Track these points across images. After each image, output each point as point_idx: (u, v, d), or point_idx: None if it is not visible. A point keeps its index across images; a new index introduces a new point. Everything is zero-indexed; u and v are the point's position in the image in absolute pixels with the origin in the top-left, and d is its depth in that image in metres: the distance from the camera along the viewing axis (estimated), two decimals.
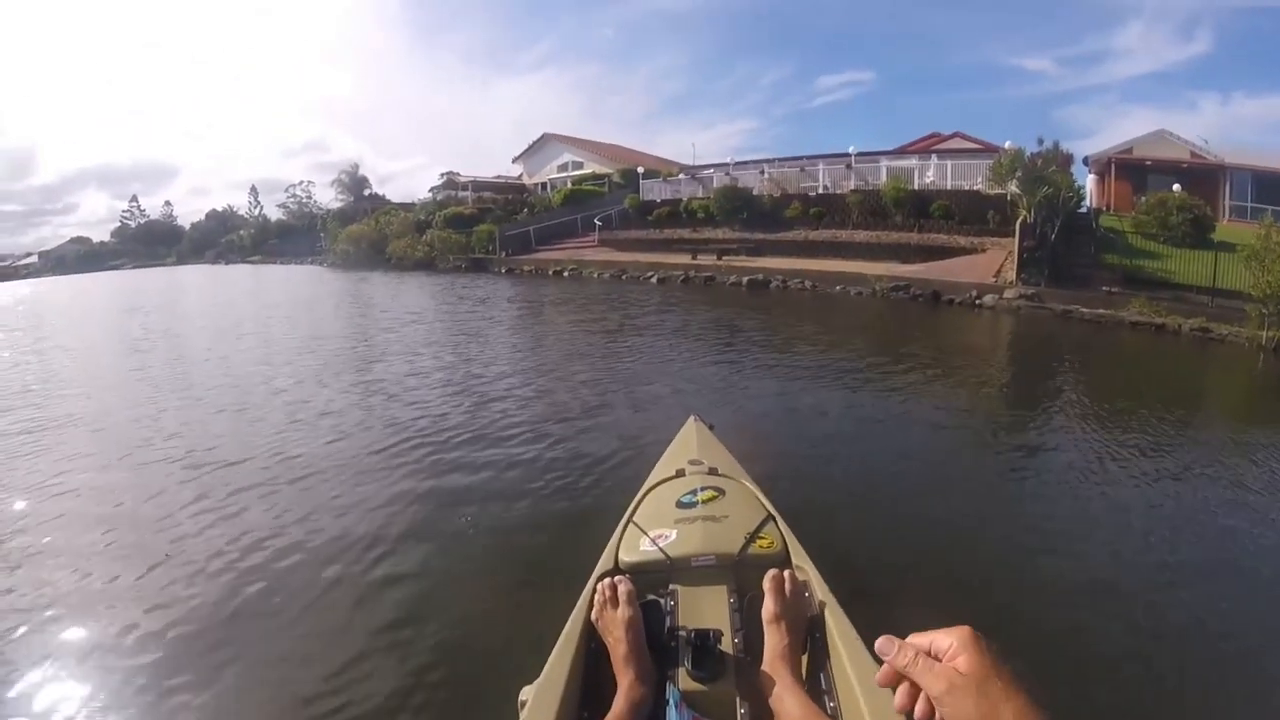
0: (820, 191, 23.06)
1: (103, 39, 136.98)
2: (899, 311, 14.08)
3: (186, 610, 3.27)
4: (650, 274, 20.72)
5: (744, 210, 23.72)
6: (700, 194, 26.42)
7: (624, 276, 21.53)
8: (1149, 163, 21.37)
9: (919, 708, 0.70)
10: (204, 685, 2.74)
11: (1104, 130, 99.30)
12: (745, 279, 17.87)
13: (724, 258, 21.23)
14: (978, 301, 13.98)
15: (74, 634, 3.14)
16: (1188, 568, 3.64)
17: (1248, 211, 19.31)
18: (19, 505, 4.74)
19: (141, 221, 77.93)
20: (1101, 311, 12.48)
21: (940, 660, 0.69)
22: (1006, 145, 18.31)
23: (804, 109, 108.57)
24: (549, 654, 1.68)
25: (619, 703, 1.49)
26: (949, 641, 0.69)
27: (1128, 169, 21.73)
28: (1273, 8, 64.47)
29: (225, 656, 2.91)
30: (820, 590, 1.89)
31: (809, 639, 1.77)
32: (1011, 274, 14.42)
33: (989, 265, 15.60)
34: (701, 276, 19.52)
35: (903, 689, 0.72)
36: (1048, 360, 9.93)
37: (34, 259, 70.69)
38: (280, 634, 3.05)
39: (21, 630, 3.16)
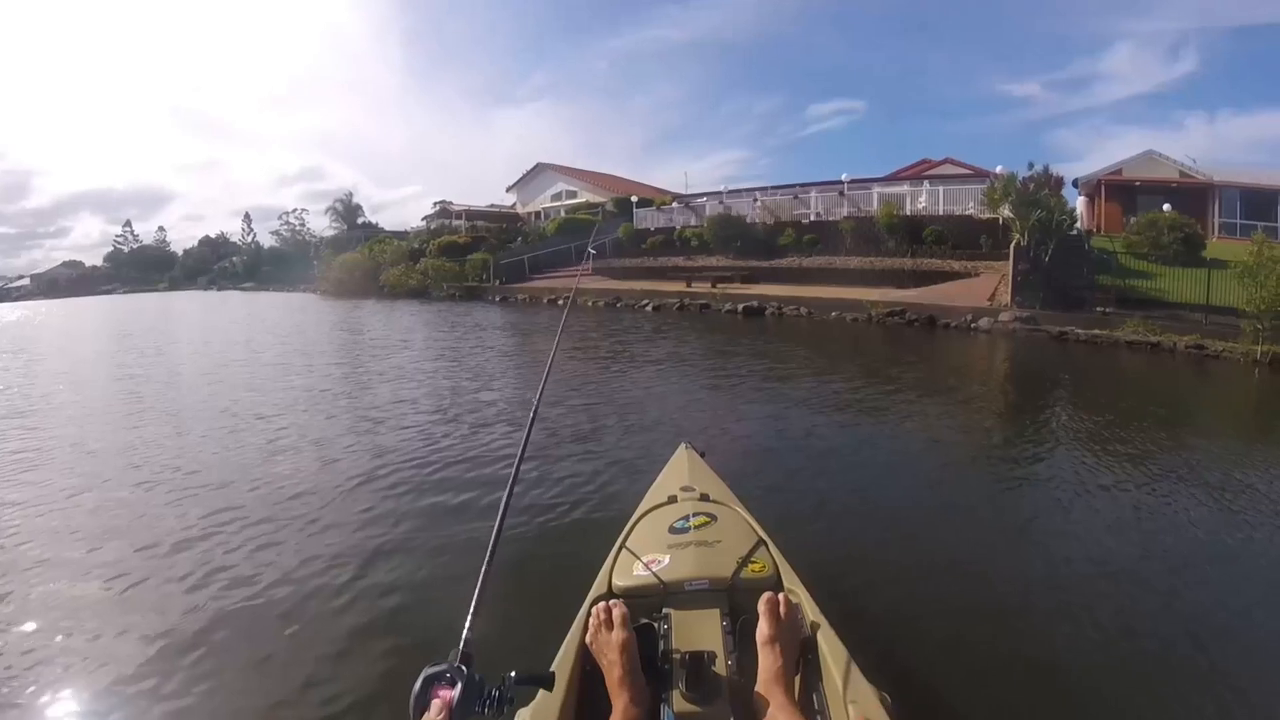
0: (813, 219, 23.22)
1: (103, 62, 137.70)
2: (895, 336, 14.03)
3: (165, 627, 3.22)
4: (645, 302, 20.71)
5: (738, 238, 23.90)
6: (694, 222, 26.64)
7: (619, 304, 21.49)
8: (1138, 183, 21.59)
9: None
10: (183, 703, 2.70)
11: (1093, 153, 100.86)
12: (740, 306, 17.82)
13: (718, 285, 21.27)
14: (973, 325, 13.94)
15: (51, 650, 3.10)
16: (1192, 584, 3.60)
17: (1237, 228, 19.49)
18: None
19: (135, 246, 78.18)
20: (1097, 332, 12.47)
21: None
22: (998, 170, 18.50)
23: (795, 138, 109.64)
24: None
25: None
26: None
27: (1117, 190, 21.95)
28: (1257, 26, 65.94)
29: (209, 683, 2.84)
30: (812, 613, 1.91)
31: (802, 661, 1.79)
32: (1006, 297, 14.47)
33: (984, 289, 15.64)
34: (696, 304, 19.48)
35: None
36: (1045, 382, 9.89)
37: (26, 281, 70.96)
38: (267, 673, 2.95)
39: None
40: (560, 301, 23.66)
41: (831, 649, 1.75)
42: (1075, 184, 22.68)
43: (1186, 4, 78.24)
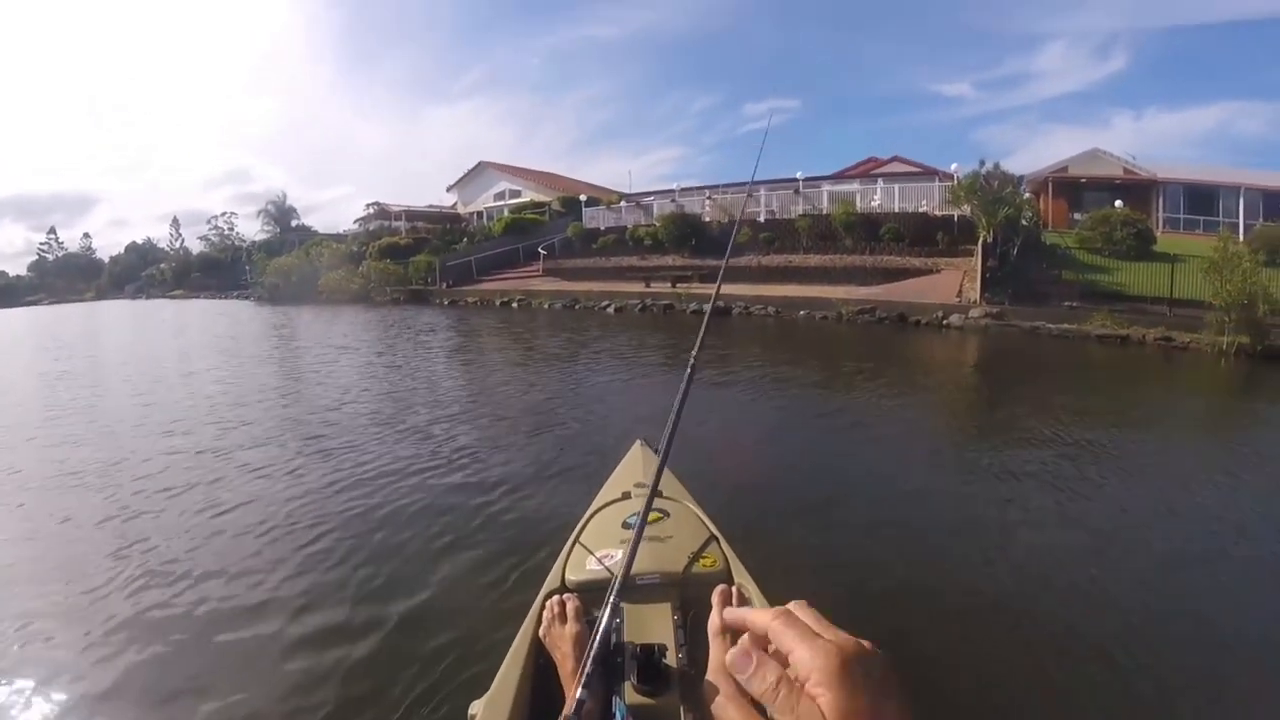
0: (767, 217, 23.13)
1: (16, 62, 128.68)
2: (867, 335, 13.97)
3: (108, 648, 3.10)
4: (605, 303, 20.23)
5: (693, 237, 23.62)
6: (644, 221, 26.23)
7: (577, 306, 20.97)
8: (1084, 180, 22.23)
9: None
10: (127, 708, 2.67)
11: (1023, 149, 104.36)
12: (706, 306, 17.53)
13: (678, 285, 20.94)
14: (945, 322, 13.98)
15: None
16: (1159, 564, 3.73)
17: (1180, 223, 20.27)
18: None
19: (60, 255, 74.59)
20: (1067, 326, 12.64)
21: (802, 686, 0.51)
22: (953, 168, 18.72)
23: (732, 136, 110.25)
24: (497, 670, 1.73)
25: (567, 716, 1.46)
26: (813, 662, 0.51)
27: (1064, 187, 22.55)
28: (1186, 26, 69.37)
29: (154, 685, 2.81)
30: (762, 606, 1.64)
31: None
32: (974, 294, 14.54)
33: (949, 285, 15.71)
34: (659, 305, 19.12)
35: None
36: (1023, 377, 9.94)
37: None
38: (215, 662, 2.95)
39: None
40: (515, 304, 23.01)
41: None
42: (1020, 181, 23.23)
43: (1117, 4, 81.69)
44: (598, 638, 1.54)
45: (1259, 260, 11.23)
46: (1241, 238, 15.46)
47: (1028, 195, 23.18)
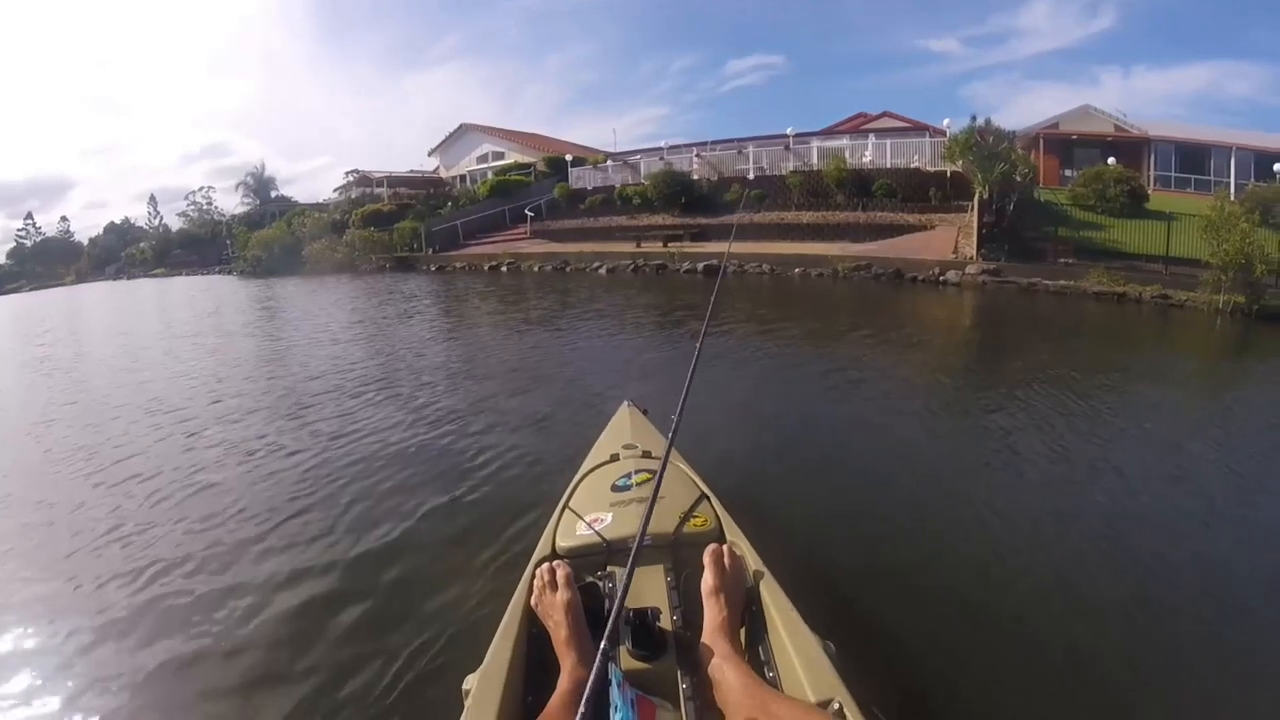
0: (756, 173, 22.90)
1: None
2: (864, 292, 13.94)
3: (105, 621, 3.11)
4: (597, 264, 20.03)
5: (682, 195, 23.33)
6: (633, 180, 25.91)
7: (568, 269, 20.74)
8: (1075, 137, 22.12)
9: None
10: (124, 685, 2.66)
11: (1008, 106, 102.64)
12: (700, 265, 17.39)
13: (670, 244, 20.69)
14: (941, 279, 13.96)
15: None
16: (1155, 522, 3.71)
17: (1172, 181, 20.26)
18: None
19: (38, 240, 72.80)
20: (1064, 283, 12.67)
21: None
22: (945, 123, 18.59)
23: (715, 94, 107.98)
24: (490, 642, 1.70)
25: (562, 685, 1.50)
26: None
27: (1055, 144, 22.44)
28: None
29: (145, 653, 2.83)
30: (755, 564, 1.93)
31: (746, 612, 1.79)
32: (970, 250, 14.50)
33: (944, 242, 15.67)
34: (652, 265, 18.93)
35: None
36: (1021, 334, 9.99)
37: None
38: (208, 635, 2.93)
39: None
40: (504, 269, 22.75)
41: (775, 600, 1.76)
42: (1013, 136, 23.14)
43: None
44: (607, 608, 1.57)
45: (1255, 220, 11.24)
46: (1232, 197, 15.48)
47: (1021, 151, 23.25)
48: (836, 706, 1.38)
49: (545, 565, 1.86)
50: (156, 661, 2.76)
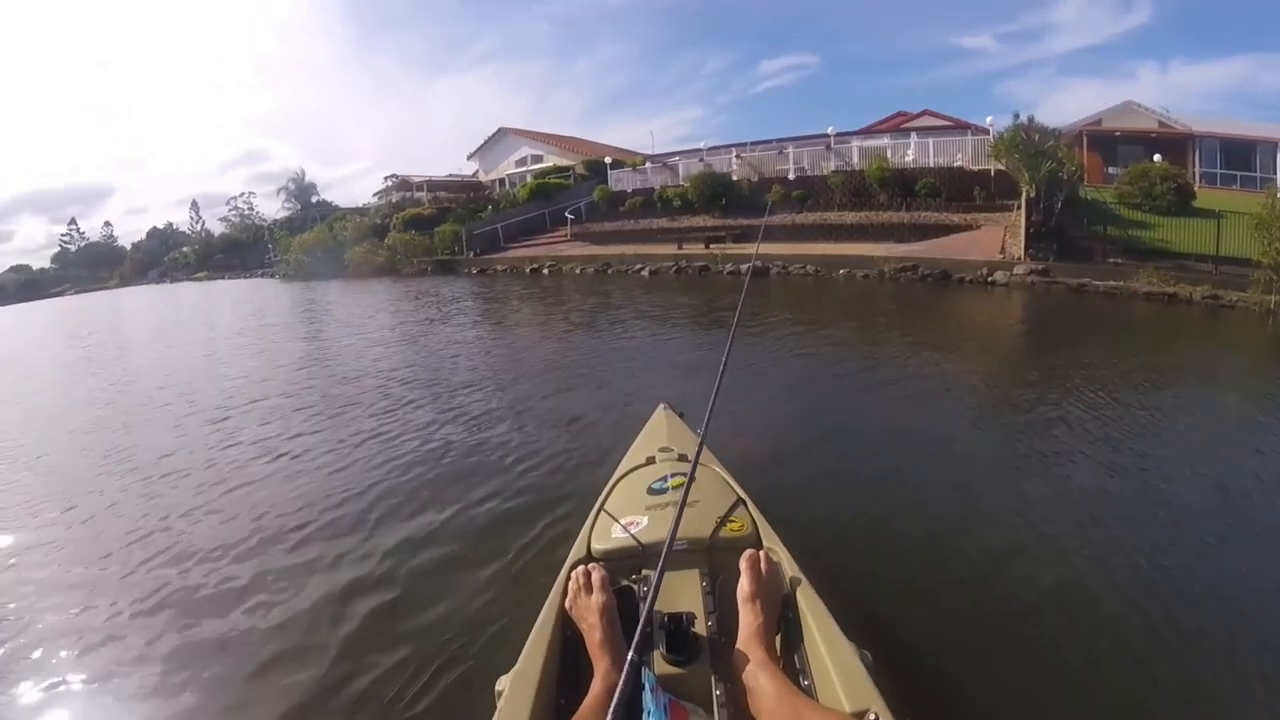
0: (797, 174, 23.00)
1: (26, 56, 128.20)
2: (911, 293, 14.00)
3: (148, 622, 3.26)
4: (639, 266, 20.32)
5: (722, 196, 23.51)
6: (672, 182, 26.13)
7: (609, 270, 21.06)
8: (1118, 134, 21.89)
9: None
10: (169, 688, 2.76)
11: (1043, 104, 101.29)
12: (743, 266, 17.58)
13: (712, 245, 20.92)
14: (990, 279, 13.99)
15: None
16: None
17: (1217, 178, 19.96)
18: None
19: (81, 245, 75.63)
20: (1114, 283, 12.62)
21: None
22: (988, 121, 18.55)
23: (748, 95, 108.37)
24: (524, 644, 1.72)
25: (595, 688, 1.52)
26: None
27: (1098, 141, 22.22)
28: None
29: (192, 657, 2.94)
30: (792, 570, 1.94)
31: (781, 619, 1.80)
32: (1018, 250, 14.52)
33: (990, 242, 15.69)
34: (695, 266, 19.17)
35: None
36: (1074, 335, 9.87)
37: None
38: (249, 635, 3.05)
39: None
40: (545, 271, 23.14)
41: (811, 607, 1.76)
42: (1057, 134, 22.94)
43: None
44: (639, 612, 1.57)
45: None
46: None
47: (1066, 149, 23.08)
48: (873, 717, 1.38)
49: (580, 568, 1.88)
50: (200, 649, 2.96)
